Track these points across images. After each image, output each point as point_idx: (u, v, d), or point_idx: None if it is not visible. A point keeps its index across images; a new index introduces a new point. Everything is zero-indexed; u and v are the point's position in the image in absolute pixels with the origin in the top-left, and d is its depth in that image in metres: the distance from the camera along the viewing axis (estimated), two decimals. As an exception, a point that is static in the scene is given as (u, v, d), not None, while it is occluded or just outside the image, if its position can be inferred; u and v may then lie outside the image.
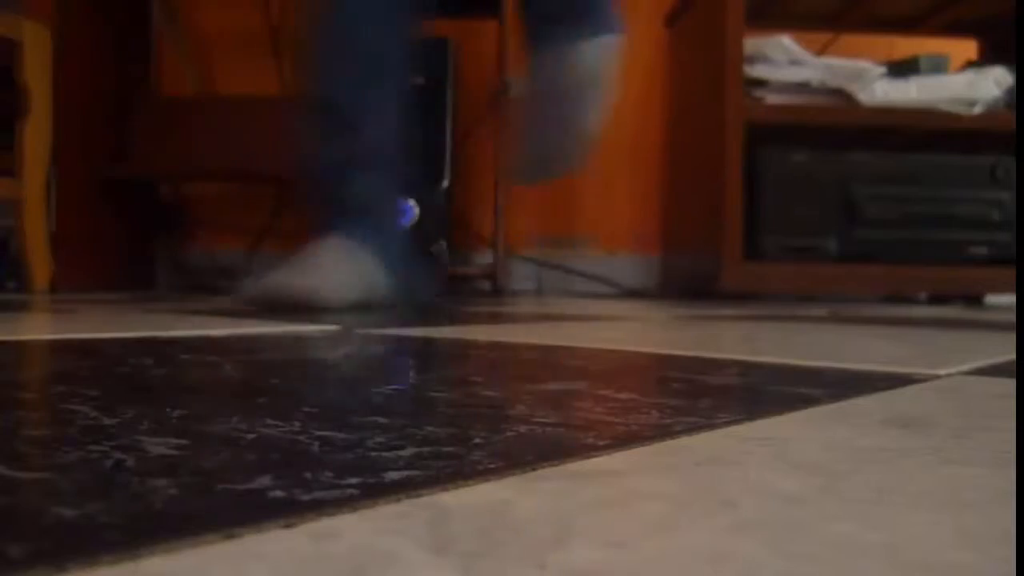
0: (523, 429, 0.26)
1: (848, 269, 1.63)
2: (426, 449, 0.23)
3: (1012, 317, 1.13)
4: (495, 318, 0.95)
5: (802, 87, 1.63)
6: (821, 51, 1.82)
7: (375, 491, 0.18)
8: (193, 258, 2.13)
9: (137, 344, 0.52)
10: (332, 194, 1.03)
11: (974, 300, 1.79)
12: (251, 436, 0.24)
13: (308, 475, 0.19)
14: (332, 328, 0.70)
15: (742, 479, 0.20)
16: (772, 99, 1.62)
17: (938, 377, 0.42)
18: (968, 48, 1.99)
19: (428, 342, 0.60)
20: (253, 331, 0.65)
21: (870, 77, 1.62)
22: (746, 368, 0.45)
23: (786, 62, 1.63)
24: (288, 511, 0.16)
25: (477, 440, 0.24)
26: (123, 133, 1.84)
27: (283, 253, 1.01)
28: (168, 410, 0.28)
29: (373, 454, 0.22)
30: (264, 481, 0.19)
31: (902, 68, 1.67)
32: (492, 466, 0.21)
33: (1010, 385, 0.40)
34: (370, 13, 1.02)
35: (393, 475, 0.20)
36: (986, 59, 1.82)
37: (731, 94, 1.58)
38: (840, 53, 1.78)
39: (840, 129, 1.68)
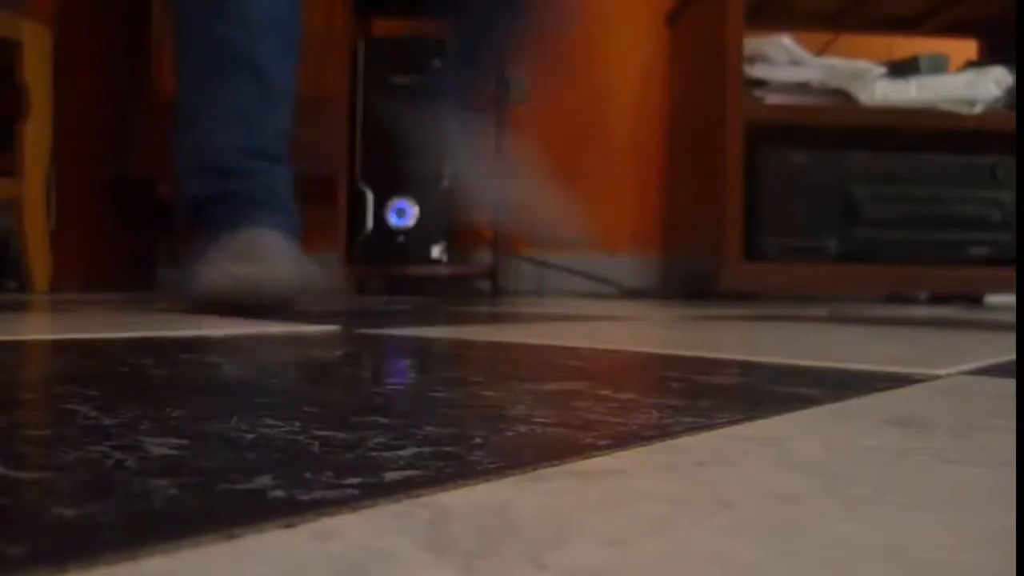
0: (523, 429, 0.26)
1: (848, 269, 1.63)
2: (426, 449, 0.23)
3: (1012, 317, 1.13)
4: (495, 318, 0.95)
5: (802, 87, 1.63)
6: (821, 51, 1.82)
7: (375, 491, 0.18)
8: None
9: (137, 344, 0.52)
10: (240, 188, 0.99)
11: (974, 300, 1.79)
12: (251, 436, 0.24)
13: (308, 475, 0.19)
14: (332, 328, 0.70)
15: (742, 479, 0.20)
16: (772, 99, 1.62)
17: (938, 377, 0.42)
18: (968, 48, 1.99)
19: (428, 342, 0.60)
20: (253, 331, 0.65)
21: (870, 77, 1.62)
22: (746, 368, 0.45)
23: (786, 62, 1.63)
24: (288, 511, 0.16)
25: (477, 440, 0.24)
26: (123, 133, 1.84)
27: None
28: (168, 410, 0.28)
29: (373, 454, 0.22)
30: (264, 481, 0.19)
31: (902, 68, 1.67)
32: (492, 466, 0.21)
33: (1010, 385, 0.40)
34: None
35: (393, 475, 0.20)
36: (986, 59, 1.82)
37: (731, 94, 1.58)
38: (840, 53, 1.78)
39: (840, 129, 1.68)
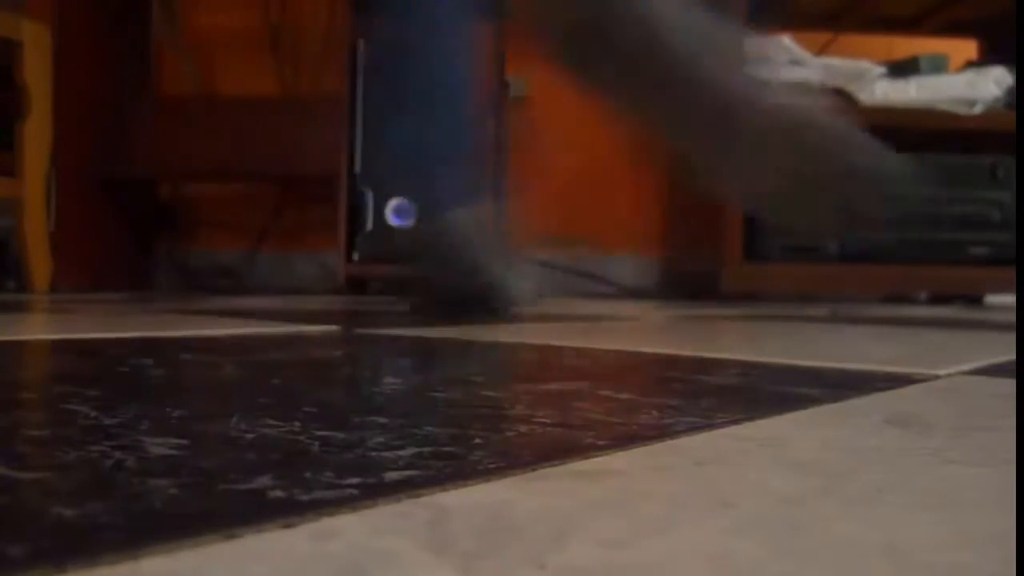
0: (523, 429, 0.26)
1: (848, 269, 1.63)
2: (426, 449, 0.23)
3: (1012, 317, 1.13)
4: (495, 318, 0.94)
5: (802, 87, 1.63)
6: (821, 51, 1.82)
7: (375, 491, 0.18)
8: (193, 258, 2.13)
9: (137, 344, 0.52)
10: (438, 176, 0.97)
11: (974, 300, 1.79)
12: (251, 436, 0.24)
13: (308, 475, 0.19)
14: (332, 328, 0.70)
15: (742, 479, 0.20)
16: (772, 99, 1.62)
17: (938, 377, 0.42)
18: (968, 48, 1.99)
19: (428, 342, 0.60)
20: (253, 331, 0.65)
21: (870, 77, 1.62)
22: (746, 368, 0.45)
23: (786, 62, 1.63)
24: (288, 511, 0.16)
25: (477, 440, 0.24)
26: (123, 133, 1.84)
27: (284, 253, 0.97)
28: (168, 410, 0.28)
29: (373, 454, 0.22)
30: (264, 481, 0.19)
31: (902, 68, 1.67)
32: (492, 466, 0.21)
33: (1010, 385, 0.40)
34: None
35: (393, 475, 0.20)
36: (986, 59, 1.82)
37: (731, 94, 1.58)
38: (840, 53, 1.78)
39: (840, 129, 1.67)
